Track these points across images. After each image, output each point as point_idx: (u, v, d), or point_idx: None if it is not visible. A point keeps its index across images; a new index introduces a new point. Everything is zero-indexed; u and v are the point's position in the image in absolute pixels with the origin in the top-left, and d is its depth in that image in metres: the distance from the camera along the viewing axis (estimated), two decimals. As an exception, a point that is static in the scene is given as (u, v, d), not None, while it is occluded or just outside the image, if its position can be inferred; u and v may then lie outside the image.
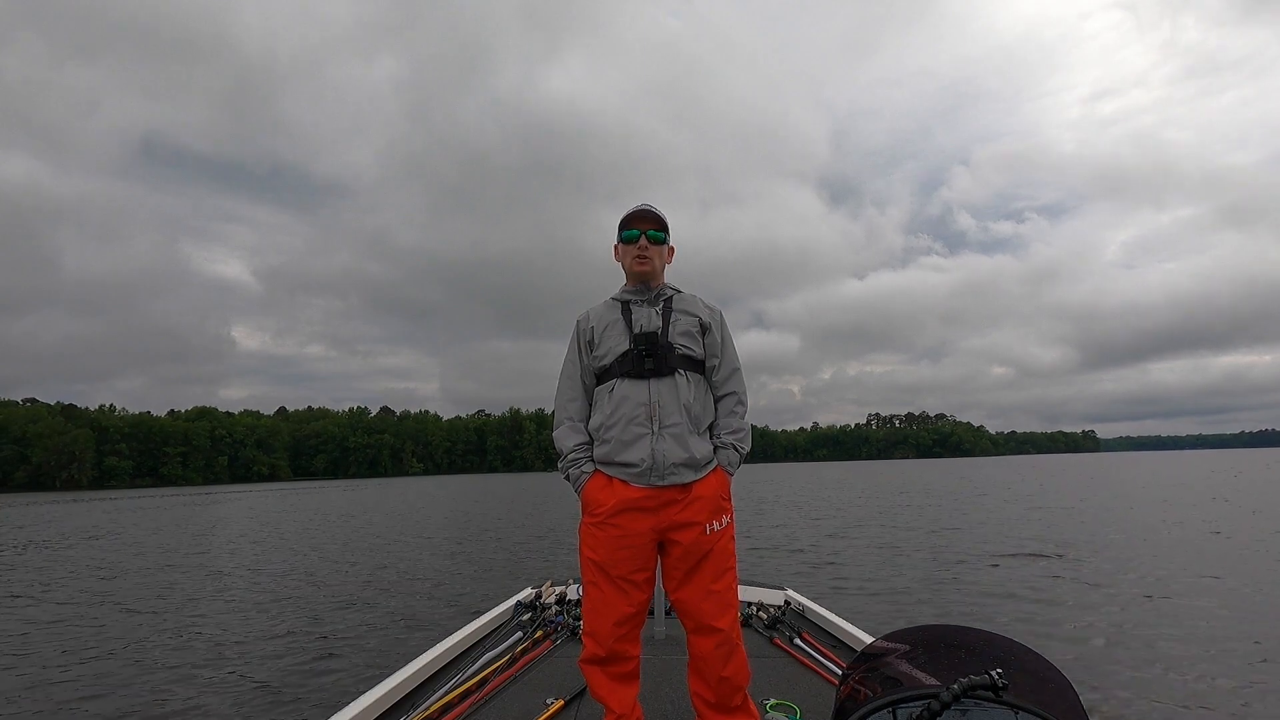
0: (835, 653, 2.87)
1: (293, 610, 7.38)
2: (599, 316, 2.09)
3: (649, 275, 2.07)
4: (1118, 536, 11.54)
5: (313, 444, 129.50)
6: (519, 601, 3.66)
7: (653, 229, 2.04)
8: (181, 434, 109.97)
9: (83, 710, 4.45)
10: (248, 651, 5.71)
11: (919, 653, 1.25)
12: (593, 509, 1.95)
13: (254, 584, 9.30)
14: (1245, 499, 18.70)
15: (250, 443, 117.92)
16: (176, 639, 6.23)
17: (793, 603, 3.68)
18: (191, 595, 8.56)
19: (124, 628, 6.79)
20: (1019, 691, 1.03)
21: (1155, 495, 21.27)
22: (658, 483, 1.90)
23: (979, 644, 1.22)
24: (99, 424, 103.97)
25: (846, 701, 1.21)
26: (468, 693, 2.49)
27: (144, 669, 5.30)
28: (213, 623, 6.89)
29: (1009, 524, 14.03)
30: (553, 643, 3.12)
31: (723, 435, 2.02)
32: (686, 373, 1.98)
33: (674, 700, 2.43)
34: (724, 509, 1.96)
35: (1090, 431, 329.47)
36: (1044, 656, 1.17)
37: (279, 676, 4.99)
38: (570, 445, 2.03)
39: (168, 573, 10.61)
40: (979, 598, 7.06)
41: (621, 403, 1.95)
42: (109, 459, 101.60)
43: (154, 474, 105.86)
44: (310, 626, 6.57)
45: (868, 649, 1.34)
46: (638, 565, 1.92)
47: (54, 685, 4.97)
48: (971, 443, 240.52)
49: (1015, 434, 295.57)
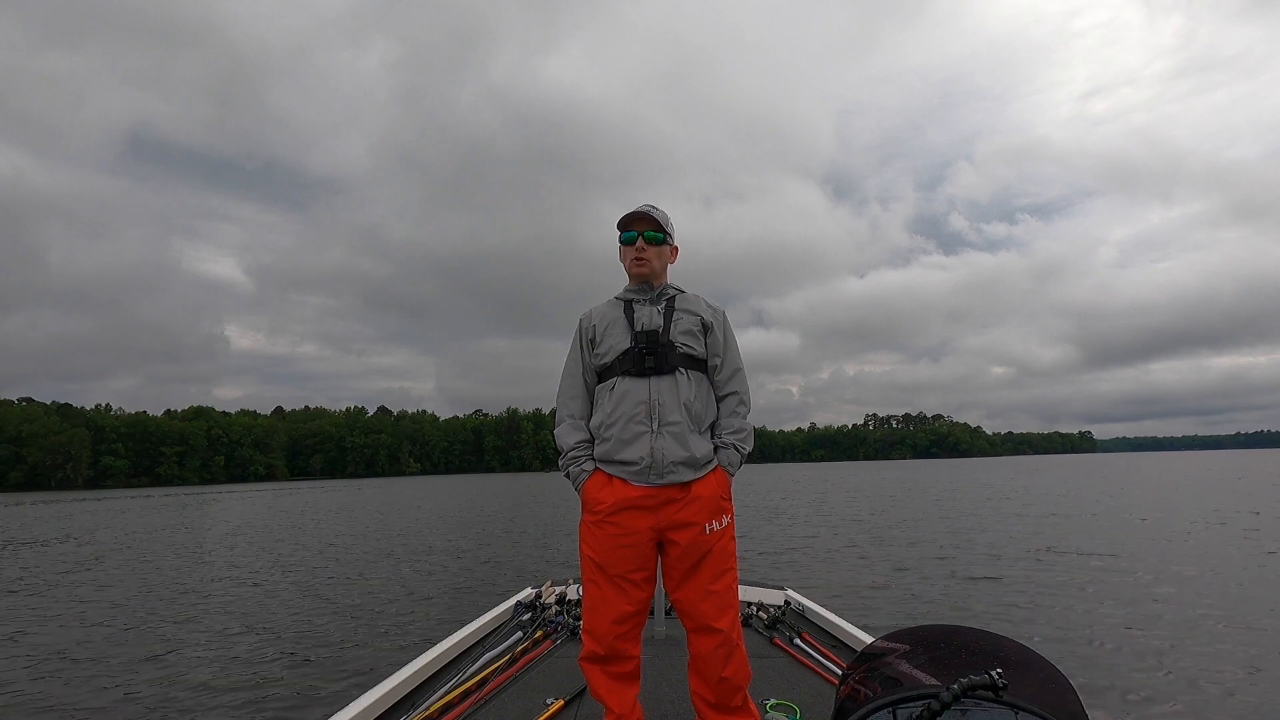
0: (835, 653, 2.87)
1: (292, 610, 7.37)
2: (601, 315, 2.10)
3: (648, 276, 2.08)
4: (1117, 537, 11.57)
5: (310, 444, 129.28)
6: (519, 601, 3.66)
7: (650, 230, 2.05)
8: (178, 434, 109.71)
9: (82, 710, 4.45)
10: (247, 652, 5.70)
11: (919, 653, 1.25)
12: (592, 507, 1.96)
13: (253, 584, 9.28)
14: (1243, 501, 18.73)
15: (247, 442, 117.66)
16: (174, 640, 6.21)
17: (793, 603, 3.68)
18: (188, 595, 8.54)
19: (123, 628, 6.78)
20: (1019, 691, 1.03)
21: (1150, 496, 21.32)
22: (657, 481, 1.90)
23: (979, 644, 1.22)
24: (95, 423, 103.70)
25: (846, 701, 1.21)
26: (468, 693, 2.49)
27: (143, 670, 5.29)
28: (211, 623, 6.87)
29: (1008, 524, 14.06)
30: (553, 643, 3.11)
31: (724, 435, 2.03)
32: (688, 371, 1.99)
33: (674, 700, 2.43)
34: (724, 509, 1.96)
35: (1087, 432, 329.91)
36: (1044, 656, 1.17)
37: (279, 676, 4.98)
38: (571, 443, 2.03)
39: (166, 573, 10.59)
40: (979, 598, 7.07)
41: (622, 400, 1.95)
42: (105, 458, 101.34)
43: (150, 474, 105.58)
44: (310, 626, 6.56)
45: (868, 649, 1.34)
46: (637, 564, 1.92)
47: (53, 685, 4.96)
48: (968, 443, 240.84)
49: (1012, 434, 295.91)
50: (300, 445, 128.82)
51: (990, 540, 11.56)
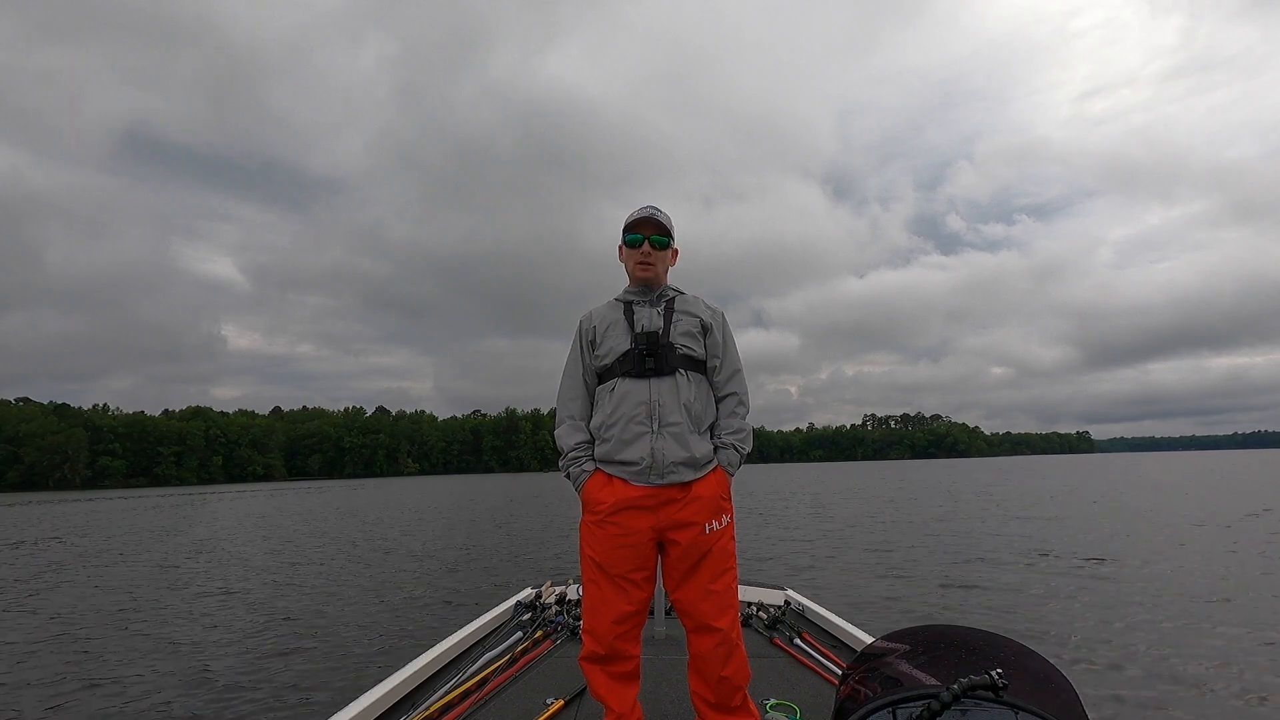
0: (835, 653, 2.87)
1: (291, 610, 7.36)
2: (601, 316, 2.11)
3: (651, 281, 2.09)
4: (1116, 537, 11.59)
5: (308, 444, 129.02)
6: (519, 601, 3.67)
7: (656, 234, 2.06)
8: (176, 434, 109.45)
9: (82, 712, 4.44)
10: (247, 652, 5.69)
11: (919, 653, 1.25)
12: (592, 507, 1.97)
13: (252, 584, 9.26)
14: (1242, 503, 18.78)
15: (245, 443, 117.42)
16: (173, 640, 6.20)
17: (793, 603, 3.69)
18: (187, 596, 8.52)
19: (121, 628, 6.77)
20: (1019, 691, 1.03)
21: (1149, 496, 21.36)
22: (657, 481, 1.91)
23: (979, 644, 1.23)
24: (93, 423, 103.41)
25: (846, 701, 1.21)
26: (468, 693, 2.50)
27: (142, 670, 5.28)
28: (211, 623, 6.87)
29: (1008, 524, 14.08)
30: (553, 643, 3.12)
31: (724, 435, 2.04)
32: (687, 373, 2.00)
33: (674, 700, 2.43)
34: (723, 509, 1.97)
35: (1085, 432, 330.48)
36: (1044, 656, 1.17)
37: (278, 677, 4.98)
38: (571, 444, 2.04)
39: (164, 573, 10.57)
40: (979, 598, 7.08)
41: (622, 401, 1.96)
42: (103, 458, 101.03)
43: (148, 474, 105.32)
44: (309, 626, 6.55)
45: (868, 649, 1.34)
46: (637, 564, 1.93)
47: (53, 687, 4.96)
48: (966, 443, 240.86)
49: (1010, 435, 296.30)
50: (298, 445, 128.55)
51: (990, 540, 11.57)
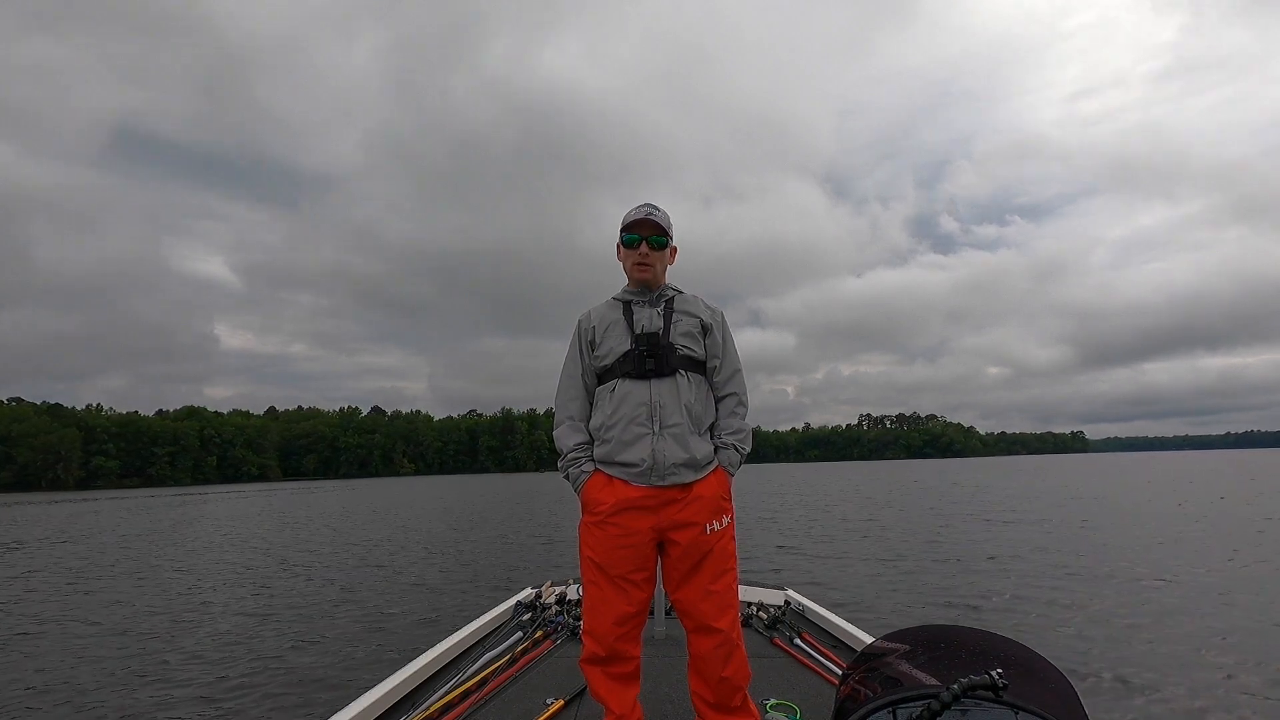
0: (835, 653, 2.88)
1: (290, 611, 7.34)
2: (600, 316, 2.10)
3: (650, 281, 2.08)
4: (1115, 538, 11.65)
5: (303, 444, 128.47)
6: (519, 601, 3.67)
7: (654, 234, 2.05)
8: (170, 434, 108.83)
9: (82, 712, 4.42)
10: (246, 652, 5.67)
11: (919, 653, 1.26)
12: (592, 508, 1.96)
13: (251, 585, 9.23)
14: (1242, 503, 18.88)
15: (239, 443, 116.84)
16: (171, 641, 6.18)
17: (793, 603, 3.70)
18: (186, 597, 8.49)
19: (120, 629, 6.74)
20: (1019, 691, 1.03)
21: (1146, 495, 21.46)
22: (658, 482, 1.91)
23: (979, 644, 1.23)
24: (86, 424, 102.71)
25: (846, 701, 1.22)
26: (468, 693, 2.50)
27: (140, 670, 5.26)
28: (209, 624, 6.84)
29: (1007, 524, 14.13)
30: (553, 643, 3.12)
31: (724, 436, 2.04)
32: (687, 373, 2.00)
33: (674, 700, 2.43)
34: (724, 509, 1.98)
35: (1079, 433, 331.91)
36: (1044, 656, 1.18)
37: (278, 677, 4.97)
38: (570, 444, 2.03)
39: (162, 573, 10.52)
40: (979, 598, 7.11)
41: (622, 402, 1.96)
42: (96, 459, 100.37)
43: (142, 474, 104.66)
44: (309, 627, 6.54)
45: (868, 649, 1.34)
46: (637, 565, 1.93)
47: (54, 687, 4.93)
48: (961, 443, 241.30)
49: (1005, 435, 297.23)
50: (293, 445, 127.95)
51: (990, 540, 11.61)
